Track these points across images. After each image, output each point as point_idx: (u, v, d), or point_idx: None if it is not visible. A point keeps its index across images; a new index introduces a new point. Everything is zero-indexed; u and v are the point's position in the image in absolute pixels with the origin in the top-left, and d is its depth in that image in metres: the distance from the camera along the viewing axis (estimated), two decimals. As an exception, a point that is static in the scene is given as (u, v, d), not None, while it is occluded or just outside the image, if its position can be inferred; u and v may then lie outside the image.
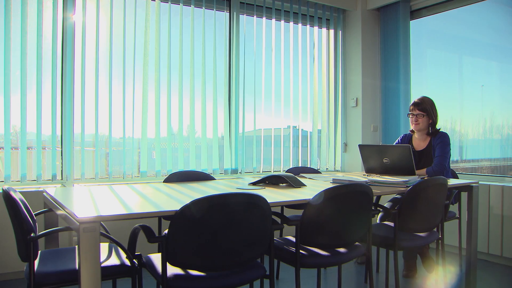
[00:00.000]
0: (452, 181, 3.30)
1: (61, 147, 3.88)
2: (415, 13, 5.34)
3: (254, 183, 2.96)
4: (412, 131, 3.83)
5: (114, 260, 2.18)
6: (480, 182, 3.61)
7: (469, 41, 5.16)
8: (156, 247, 3.23)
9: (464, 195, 3.39)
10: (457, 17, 5.05)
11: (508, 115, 4.58)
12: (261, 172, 4.89)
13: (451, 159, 3.83)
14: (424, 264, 3.73)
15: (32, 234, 1.89)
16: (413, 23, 5.36)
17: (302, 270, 2.33)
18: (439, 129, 3.71)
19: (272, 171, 4.98)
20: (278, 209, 3.39)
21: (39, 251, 2.20)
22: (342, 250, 2.53)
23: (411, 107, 3.74)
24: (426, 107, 3.67)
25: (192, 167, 4.39)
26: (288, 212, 3.24)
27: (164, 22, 4.27)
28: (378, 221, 3.49)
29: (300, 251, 2.38)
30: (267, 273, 2.18)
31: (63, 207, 1.99)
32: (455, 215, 3.78)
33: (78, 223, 1.67)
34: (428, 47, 5.60)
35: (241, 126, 4.74)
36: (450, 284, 3.43)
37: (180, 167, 4.34)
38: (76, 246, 1.78)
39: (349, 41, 5.59)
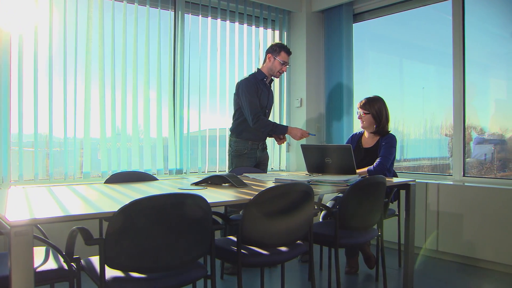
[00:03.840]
0: (391, 180, 3.41)
1: (-4, 147, 3.71)
2: (358, 16, 5.48)
3: (196, 183, 2.94)
4: None
5: (51, 264, 2.12)
6: (417, 181, 3.74)
7: (409, 44, 5.36)
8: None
9: (403, 193, 3.51)
10: (398, 21, 5.23)
11: (446, 117, 4.78)
12: (206, 172, 4.86)
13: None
14: (365, 260, 3.85)
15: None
16: (356, 26, 5.50)
17: (246, 270, 2.35)
18: (389, 131, 3.84)
19: (217, 171, 4.97)
20: (221, 209, 3.40)
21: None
22: (284, 249, 2.56)
23: (358, 106, 3.88)
24: (368, 106, 3.79)
25: (135, 167, 4.32)
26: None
27: (107, 20, 4.17)
28: (320, 219, 3.56)
29: (242, 250, 2.39)
30: (209, 273, 2.18)
31: (-7, 211, 1.91)
32: (395, 212, 3.90)
33: (9, 227, 1.61)
34: (370, 49, 5.76)
35: (186, 125, 4.70)
36: (390, 279, 3.55)
37: (124, 167, 4.25)
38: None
39: (294, 42, 5.66)
